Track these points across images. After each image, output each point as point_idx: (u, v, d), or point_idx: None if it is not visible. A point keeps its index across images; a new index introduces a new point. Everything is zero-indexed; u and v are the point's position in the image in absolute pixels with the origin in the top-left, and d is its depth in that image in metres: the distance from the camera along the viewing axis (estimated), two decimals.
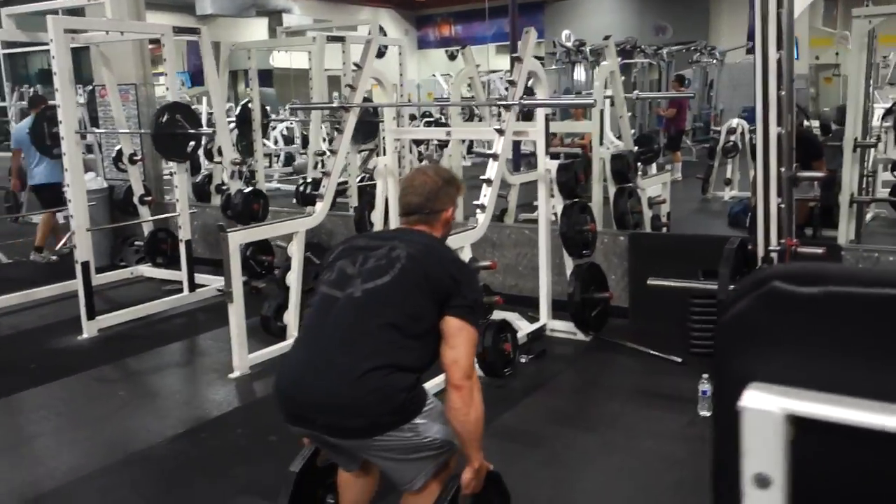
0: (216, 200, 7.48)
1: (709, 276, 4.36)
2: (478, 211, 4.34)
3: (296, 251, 4.84)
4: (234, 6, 17.31)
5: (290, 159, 12.03)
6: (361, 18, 21.25)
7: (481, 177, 4.41)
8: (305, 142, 12.39)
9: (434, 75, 15.28)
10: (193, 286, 5.97)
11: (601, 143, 6.25)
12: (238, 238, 4.40)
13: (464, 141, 10.33)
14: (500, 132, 4.40)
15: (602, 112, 6.14)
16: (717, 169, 9.78)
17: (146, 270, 6.74)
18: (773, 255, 3.28)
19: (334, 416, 2.09)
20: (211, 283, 6.16)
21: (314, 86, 6.63)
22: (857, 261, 4.42)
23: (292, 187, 10.13)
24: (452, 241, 4.37)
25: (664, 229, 6.44)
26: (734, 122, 9.80)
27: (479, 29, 22.54)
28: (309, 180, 6.87)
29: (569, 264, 4.83)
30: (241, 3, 17.68)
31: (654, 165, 9.59)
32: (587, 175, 4.86)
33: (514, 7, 13.57)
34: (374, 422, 2.07)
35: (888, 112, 7.85)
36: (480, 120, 7.85)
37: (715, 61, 15.98)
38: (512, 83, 4.51)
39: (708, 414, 3.71)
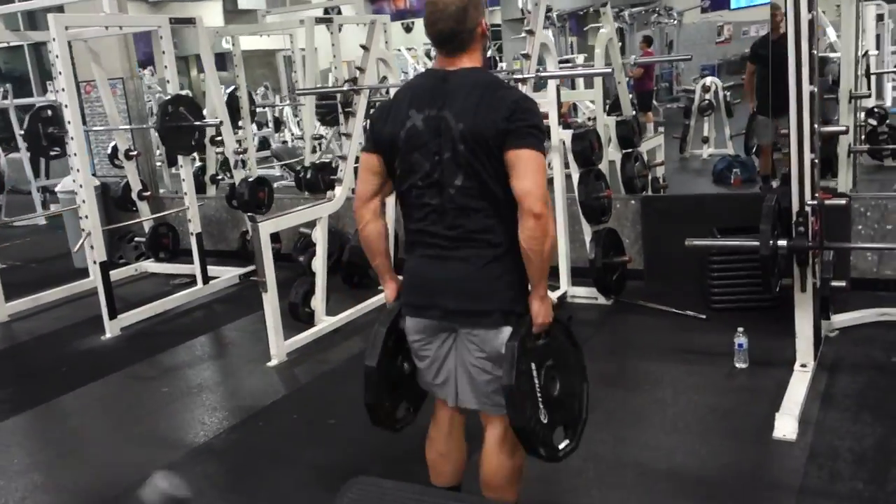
0: (211, 191, 7.44)
1: (724, 234, 4.55)
2: (336, 184, 4.84)
3: (320, 237, 4.88)
4: None
5: (264, 144, 11.93)
6: None
7: (336, 154, 4.68)
8: (278, 126, 12.32)
9: (399, 50, 15.16)
10: (207, 278, 5.96)
11: (605, 111, 6.36)
12: (268, 227, 4.42)
13: None
14: None
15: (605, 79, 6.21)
16: (693, 127, 9.98)
17: (150, 266, 6.70)
18: (808, 208, 3.42)
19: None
20: (221, 274, 6.16)
21: (307, 69, 6.60)
22: (867, 209, 4.61)
23: (272, 171, 10.11)
24: (310, 213, 4.76)
25: (662, 191, 6.60)
26: (708, 80, 9.96)
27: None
28: (307, 165, 6.85)
29: (587, 231, 4.94)
30: None
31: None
32: (600, 143, 4.96)
33: None
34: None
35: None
36: None
37: (674, 22, 16.15)
38: (526, 56, 4.58)
39: (744, 366, 3.88)
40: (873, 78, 7.73)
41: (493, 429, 2.45)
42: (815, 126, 3.35)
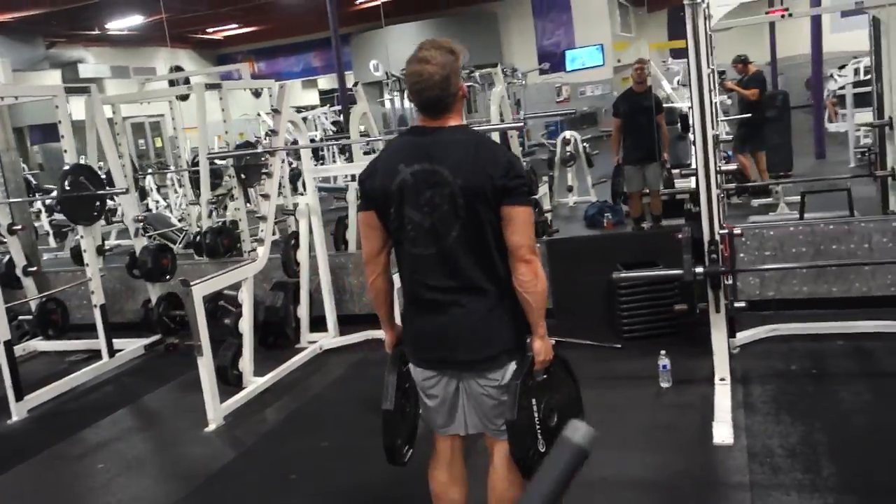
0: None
1: (628, 268, 4.98)
2: (256, 244, 4.98)
3: (246, 297, 4.88)
4: (25, 60, 16.27)
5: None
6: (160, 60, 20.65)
7: (257, 215, 4.96)
8: (143, 194, 11.95)
9: (259, 114, 15.13)
10: (113, 351, 5.74)
11: None
12: (201, 290, 4.40)
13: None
14: None
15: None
16: (557, 177, 10.65)
17: (39, 345, 6.36)
18: (718, 237, 3.87)
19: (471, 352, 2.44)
20: (125, 346, 5.95)
21: (199, 134, 6.59)
22: (748, 238, 5.18)
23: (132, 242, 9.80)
24: (236, 275, 4.77)
25: (552, 235, 7.04)
26: (567, 134, 10.67)
27: (285, 65, 22.66)
28: (204, 229, 6.78)
29: None
30: (32, 57, 16.70)
31: None
32: None
33: (336, 38, 13.95)
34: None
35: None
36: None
37: (521, 82, 17.17)
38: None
39: (668, 385, 4.26)
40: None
41: (500, 450, 2.62)
42: (719, 165, 3.82)
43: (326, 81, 21.86)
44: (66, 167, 5.30)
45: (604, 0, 20.83)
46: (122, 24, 17.59)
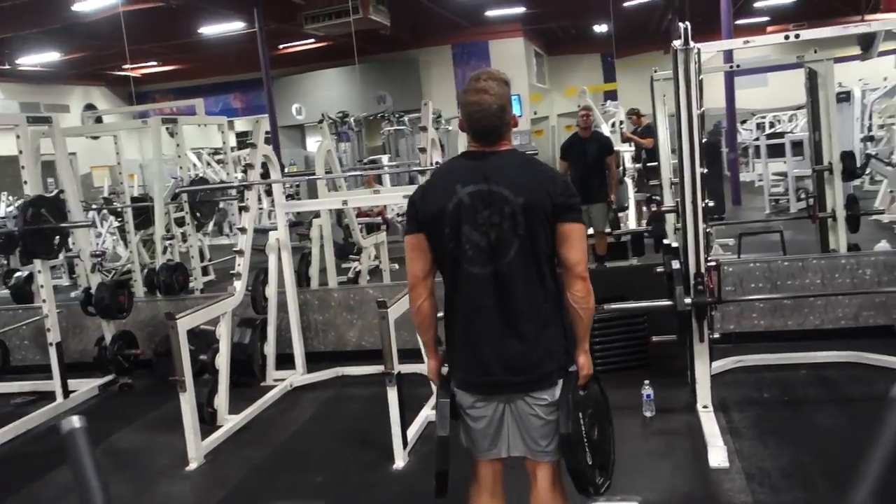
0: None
1: (603, 302, 5.13)
2: (234, 279, 4.95)
3: (224, 332, 4.78)
4: None
5: None
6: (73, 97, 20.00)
7: (234, 248, 4.99)
8: None
9: (189, 152, 14.82)
10: (67, 392, 5.47)
11: None
12: (185, 324, 4.29)
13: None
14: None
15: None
16: None
17: None
18: (704, 270, 4.07)
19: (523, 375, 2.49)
20: (79, 386, 5.69)
21: (156, 170, 6.44)
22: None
23: (58, 281, 9.37)
24: (212, 311, 4.71)
25: None
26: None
27: (204, 105, 22.22)
28: (159, 266, 6.59)
29: None
30: None
31: None
32: None
33: (268, 80, 13.93)
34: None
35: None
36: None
37: (450, 128, 17.51)
38: (422, 150, 4.96)
39: (652, 414, 4.40)
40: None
41: (543, 473, 2.67)
42: (706, 202, 4.04)
43: (243, 123, 21.63)
44: (27, 198, 5.09)
45: (521, 49, 21.51)
46: (36, 60, 16.99)
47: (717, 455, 3.75)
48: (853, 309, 5.29)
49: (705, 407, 4.25)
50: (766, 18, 19.81)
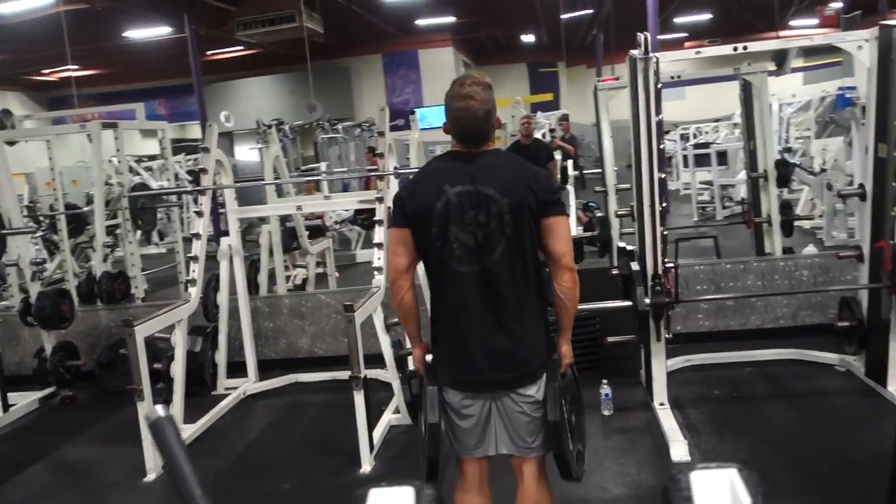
0: None
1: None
2: (188, 286, 4.83)
3: (179, 340, 4.68)
4: None
5: None
6: None
7: (188, 255, 4.86)
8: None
9: (111, 160, 14.40)
10: (7, 406, 5.25)
11: None
12: (143, 331, 4.18)
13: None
14: (380, 200, 4.83)
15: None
16: None
17: None
18: (662, 271, 4.21)
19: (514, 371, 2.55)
20: (17, 400, 5.46)
21: (97, 176, 6.24)
22: None
23: None
24: (168, 318, 4.56)
25: None
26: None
27: (128, 111, 21.59)
28: (99, 274, 6.39)
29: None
30: None
31: None
32: None
33: (199, 86, 13.66)
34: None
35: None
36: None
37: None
38: (381, 155, 4.97)
39: (610, 412, 4.51)
40: None
41: (530, 468, 2.72)
42: (664, 205, 4.18)
43: (172, 130, 21.12)
44: None
45: (451, 59, 21.68)
46: None
47: (679, 449, 3.88)
48: (791, 309, 5.53)
49: (662, 404, 4.38)
50: (684, 35, 20.50)
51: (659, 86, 4.00)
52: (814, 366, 4.95)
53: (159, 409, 1.06)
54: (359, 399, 4.06)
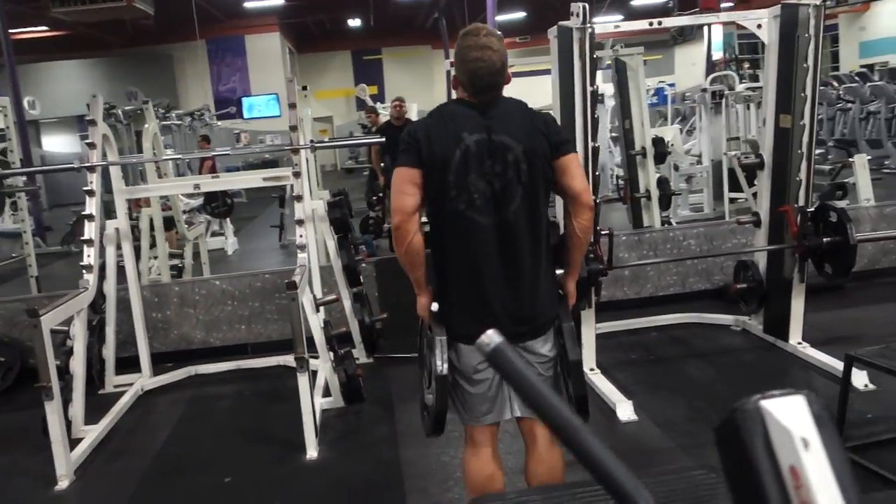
0: None
1: None
2: (85, 272, 4.41)
3: (79, 332, 4.20)
4: None
5: None
6: None
7: (81, 237, 4.52)
8: None
9: None
10: None
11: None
12: (49, 321, 3.70)
13: None
14: (297, 175, 4.58)
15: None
16: (288, 215, 10.55)
17: None
18: (595, 238, 4.30)
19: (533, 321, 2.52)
20: None
21: None
22: None
23: None
24: (69, 308, 4.11)
25: None
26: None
27: None
28: None
29: (346, 295, 5.14)
30: None
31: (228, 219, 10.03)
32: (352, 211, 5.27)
33: (12, 66, 12.36)
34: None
35: None
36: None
37: (211, 124, 16.70)
38: (293, 128, 4.71)
39: None
40: None
41: (544, 430, 2.66)
42: (597, 174, 4.27)
43: None
44: None
45: (277, 45, 21.10)
46: None
47: (626, 410, 3.99)
48: (681, 276, 5.87)
49: (592, 369, 4.49)
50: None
51: (595, 55, 4.07)
52: (712, 327, 5.28)
53: (493, 335, 0.92)
54: (303, 382, 3.83)
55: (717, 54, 23.48)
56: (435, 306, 2.61)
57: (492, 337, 0.93)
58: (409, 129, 2.52)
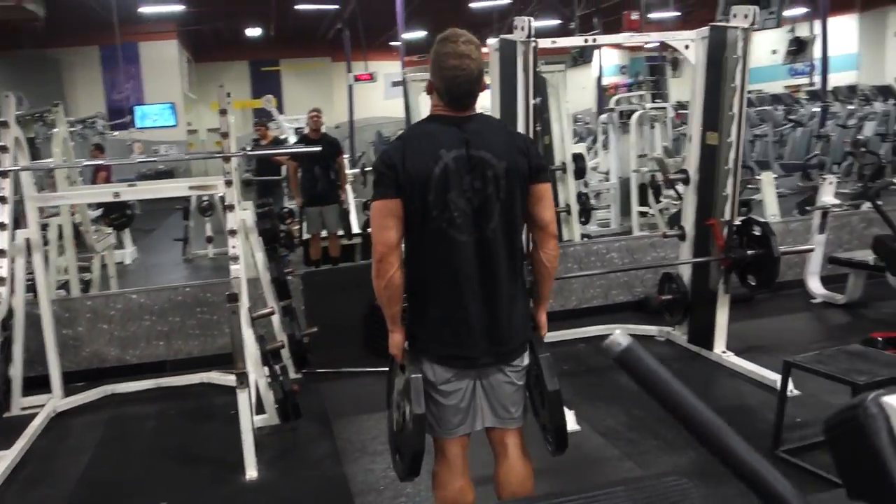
0: None
1: None
2: None
3: None
4: None
5: None
6: None
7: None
8: None
9: None
10: None
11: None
12: None
13: None
14: (229, 183, 4.42)
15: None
16: (194, 229, 10.19)
17: None
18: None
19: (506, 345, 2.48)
20: None
21: None
22: None
23: None
24: None
25: None
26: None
27: None
28: None
29: (276, 308, 4.98)
30: None
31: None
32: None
33: None
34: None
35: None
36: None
37: (105, 133, 15.98)
38: (225, 135, 4.54)
39: None
40: None
41: (514, 440, 2.66)
42: None
43: None
44: None
45: (175, 53, 20.48)
46: None
47: (569, 419, 4.02)
48: (604, 289, 6.00)
49: None
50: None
51: (538, 69, 4.12)
52: (637, 338, 5.39)
53: (621, 337, 0.89)
54: (243, 399, 3.68)
55: (612, 79, 24.39)
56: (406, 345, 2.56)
57: (620, 338, 0.90)
58: (381, 155, 2.49)
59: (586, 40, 4.61)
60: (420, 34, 20.21)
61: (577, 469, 3.54)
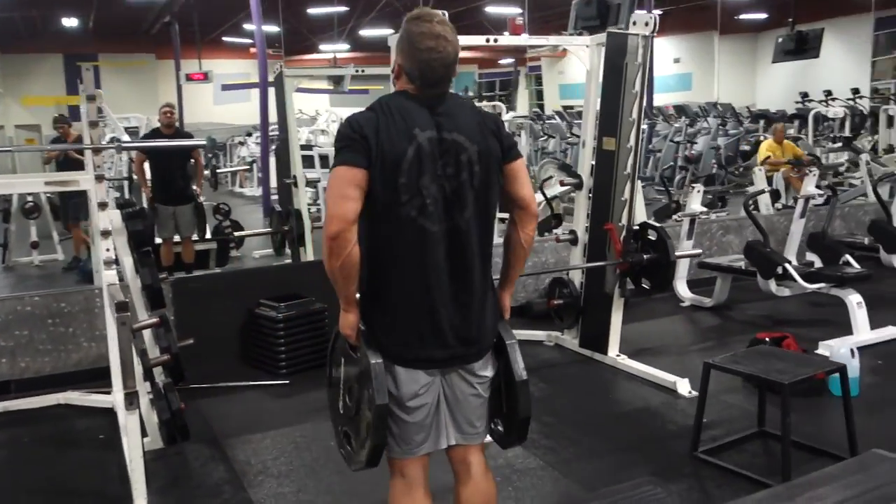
0: None
1: (278, 301, 4.86)
2: None
3: None
4: None
5: None
6: None
7: None
8: None
9: None
10: None
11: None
12: None
13: None
14: (99, 178, 3.90)
15: None
16: (15, 233, 9.12)
17: None
18: None
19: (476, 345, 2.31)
20: None
21: None
22: None
23: None
24: None
25: None
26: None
27: None
28: None
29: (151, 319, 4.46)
30: None
31: None
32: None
33: None
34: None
35: None
36: None
37: None
38: (94, 124, 4.01)
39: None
40: None
41: (477, 457, 2.48)
42: None
43: None
44: None
45: None
46: None
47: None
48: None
49: None
50: (250, 41, 20.52)
51: None
52: (527, 343, 5.33)
53: None
54: (133, 421, 3.22)
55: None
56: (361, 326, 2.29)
57: None
58: (351, 122, 2.19)
59: (487, 40, 4.49)
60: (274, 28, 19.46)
61: (507, 482, 3.39)
